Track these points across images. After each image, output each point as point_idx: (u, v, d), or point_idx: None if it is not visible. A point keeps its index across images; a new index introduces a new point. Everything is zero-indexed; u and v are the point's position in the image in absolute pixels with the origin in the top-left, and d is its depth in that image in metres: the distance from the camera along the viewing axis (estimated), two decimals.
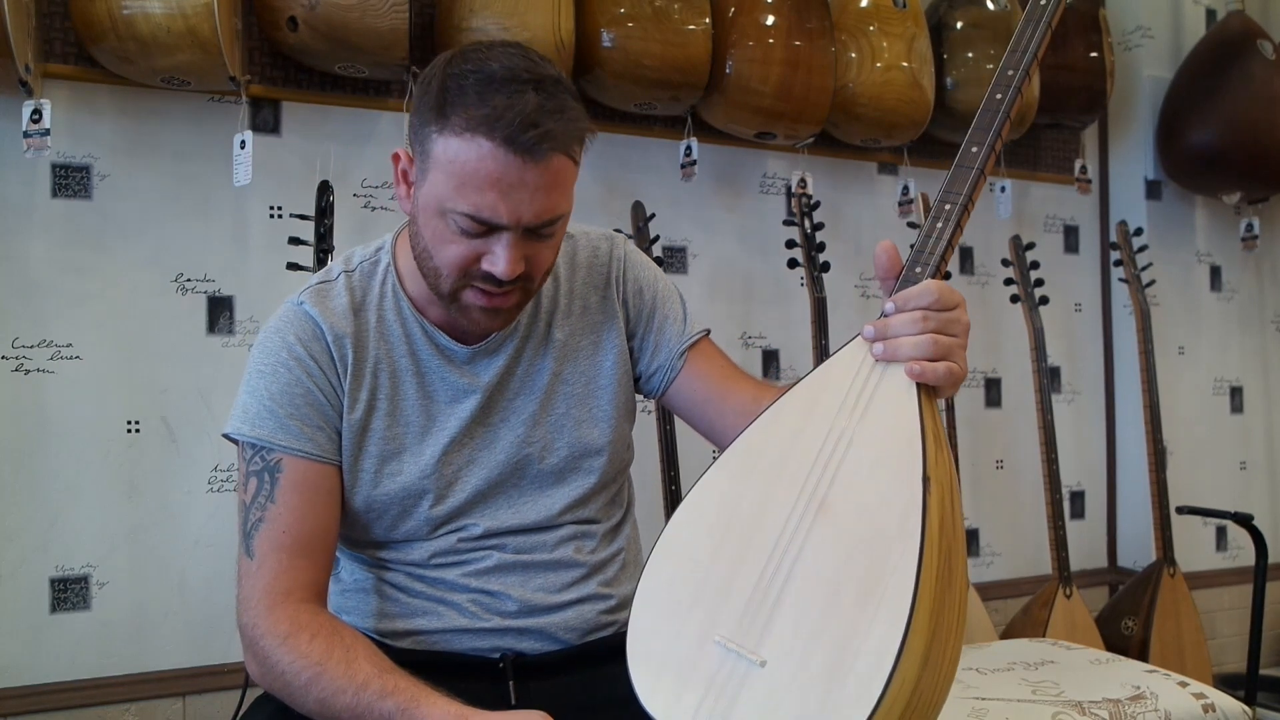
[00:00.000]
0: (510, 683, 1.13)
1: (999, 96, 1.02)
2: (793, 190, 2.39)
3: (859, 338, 0.98)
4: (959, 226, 0.99)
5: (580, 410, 1.20)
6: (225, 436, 1.13)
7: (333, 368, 1.13)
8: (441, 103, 1.01)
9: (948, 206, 0.99)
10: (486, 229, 1.02)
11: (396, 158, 1.11)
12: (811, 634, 0.87)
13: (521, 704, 1.11)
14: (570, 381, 1.20)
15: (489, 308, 1.07)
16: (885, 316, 0.96)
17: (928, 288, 0.95)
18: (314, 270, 1.85)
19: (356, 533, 1.18)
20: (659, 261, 2.16)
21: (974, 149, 1.00)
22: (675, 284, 1.30)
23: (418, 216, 1.07)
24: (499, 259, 1.02)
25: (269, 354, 1.12)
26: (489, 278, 1.04)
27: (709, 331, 1.28)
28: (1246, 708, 1.48)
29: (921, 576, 0.84)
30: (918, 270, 0.98)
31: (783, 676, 0.87)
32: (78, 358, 1.87)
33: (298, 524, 1.08)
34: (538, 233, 1.04)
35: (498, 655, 1.15)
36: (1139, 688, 1.49)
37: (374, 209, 2.11)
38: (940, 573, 0.86)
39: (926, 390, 0.94)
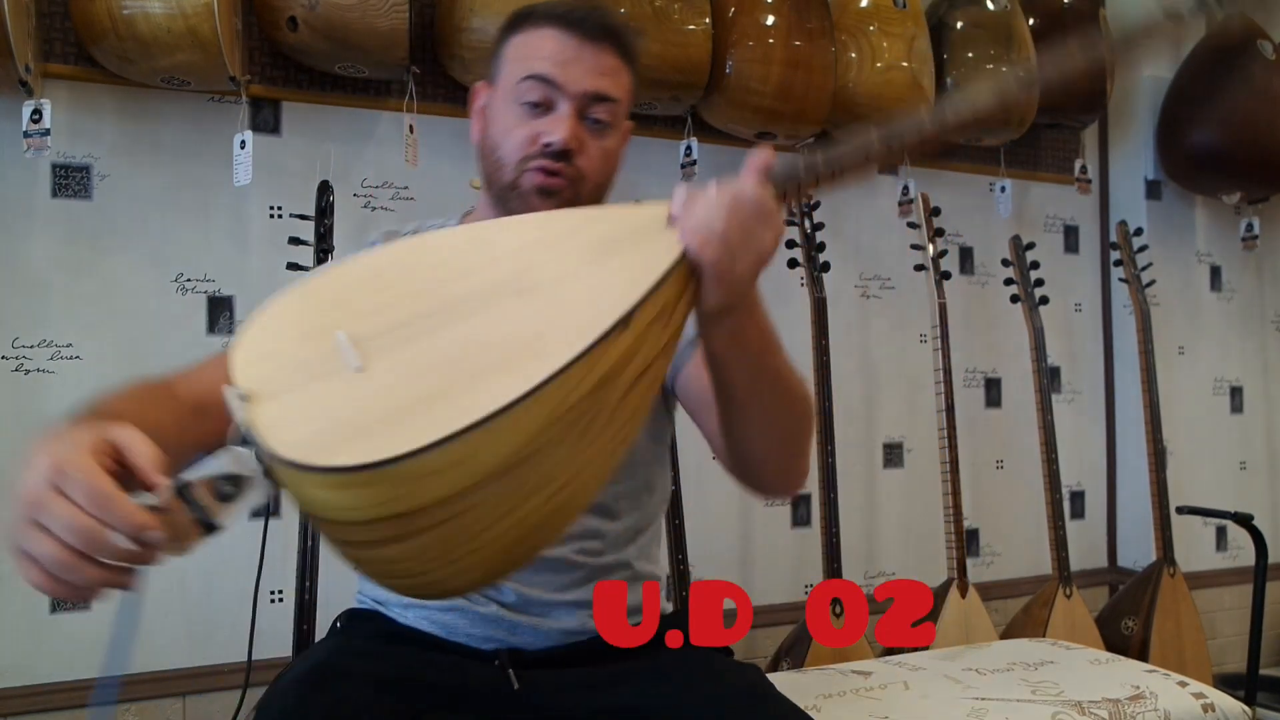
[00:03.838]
0: (510, 670, 1.12)
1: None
2: None
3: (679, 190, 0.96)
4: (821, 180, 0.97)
5: None
6: None
7: None
8: (516, 19, 1.16)
9: (826, 166, 0.97)
10: (546, 101, 1.12)
11: (476, 93, 1.21)
12: (423, 370, 0.81)
13: (524, 690, 1.11)
14: None
15: (543, 186, 1.12)
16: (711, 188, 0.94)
17: (764, 196, 0.93)
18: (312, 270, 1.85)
19: None
20: None
21: (821, 164, 0.97)
22: None
23: (489, 126, 1.17)
24: (556, 125, 1.11)
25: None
26: (545, 153, 1.11)
27: None
28: (1246, 708, 1.48)
29: (552, 386, 0.78)
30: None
31: (365, 388, 0.80)
32: (78, 358, 1.87)
33: None
34: (592, 117, 1.13)
35: (491, 649, 1.14)
36: (1139, 688, 1.49)
37: (374, 209, 2.11)
38: (580, 402, 0.81)
39: (692, 270, 0.90)
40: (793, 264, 2.27)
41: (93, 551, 0.70)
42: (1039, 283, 2.52)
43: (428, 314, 0.86)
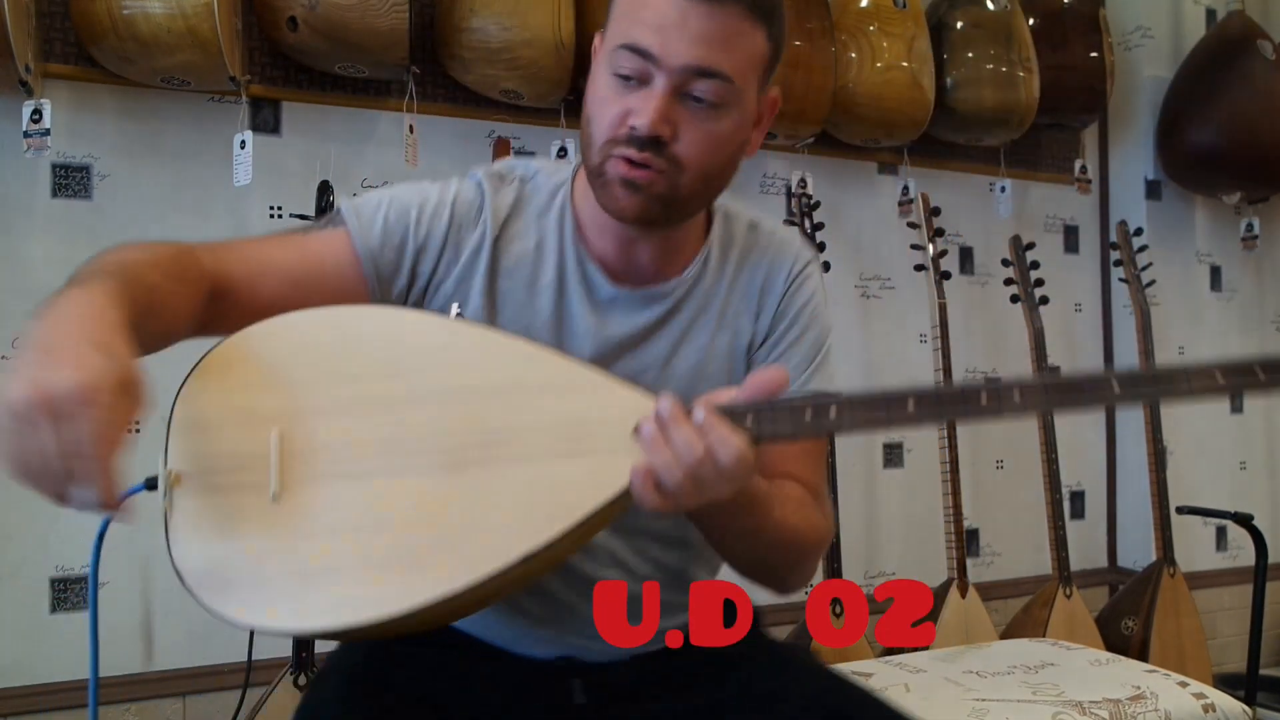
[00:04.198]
0: (575, 680, 1.06)
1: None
2: (793, 190, 2.39)
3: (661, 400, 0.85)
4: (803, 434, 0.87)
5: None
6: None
7: (454, 244, 1.04)
8: None
9: (808, 416, 0.85)
10: (640, 74, 0.94)
11: (597, 47, 1.02)
12: (329, 528, 0.83)
13: (590, 703, 1.05)
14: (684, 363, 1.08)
15: (626, 178, 0.95)
16: (696, 419, 0.83)
17: (741, 454, 0.82)
18: None
19: None
20: None
21: (833, 413, 0.85)
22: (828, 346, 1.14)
23: (589, 89, 1.00)
24: (644, 105, 0.93)
25: (425, 183, 1.07)
26: (632, 138, 0.94)
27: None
28: (1246, 708, 1.48)
29: (435, 603, 0.81)
30: (748, 420, 0.84)
31: (273, 527, 0.83)
32: None
33: (271, 260, 0.99)
34: (691, 94, 0.94)
35: (555, 657, 1.07)
36: (1139, 688, 1.49)
37: None
38: (461, 600, 0.84)
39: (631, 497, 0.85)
40: None
41: (47, 474, 0.72)
42: (1039, 283, 2.52)
43: (363, 444, 0.86)
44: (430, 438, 0.86)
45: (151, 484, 0.88)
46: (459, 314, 0.98)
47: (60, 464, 0.71)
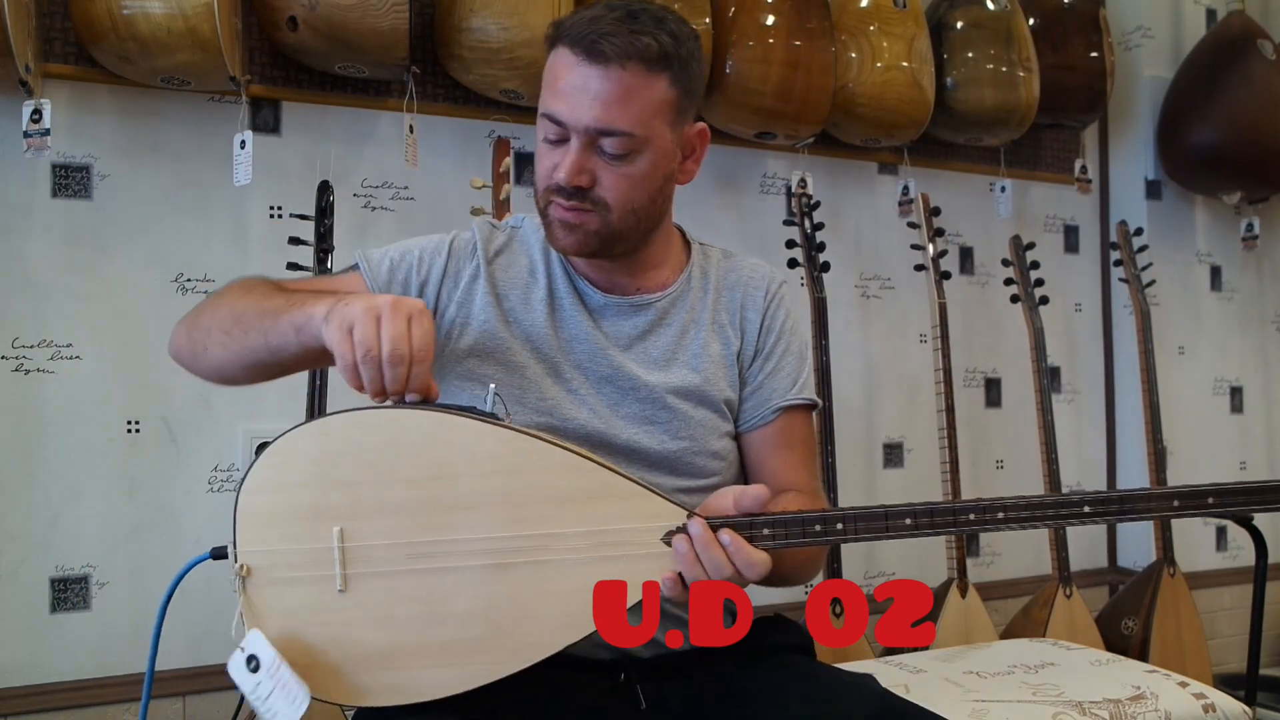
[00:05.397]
0: (635, 684, 1.10)
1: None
2: (793, 190, 2.39)
3: (692, 521, 0.97)
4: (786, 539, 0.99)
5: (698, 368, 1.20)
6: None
7: (454, 274, 1.18)
8: (550, 33, 1.11)
9: (818, 528, 0.98)
10: (560, 136, 1.09)
11: None
12: (388, 618, 0.93)
13: (651, 702, 1.08)
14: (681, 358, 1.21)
15: (562, 220, 1.11)
16: (724, 542, 0.96)
17: (763, 570, 0.96)
18: (314, 270, 1.85)
19: None
20: None
21: (839, 525, 0.98)
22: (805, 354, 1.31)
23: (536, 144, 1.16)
24: (563, 162, 1.08)
25: (430, 236, 1.21)
26: (560, 190, 1.10)
27: (816, 406, 1.27)
28: (1246, 708, 1.48)
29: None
30: (766, 532, 0.97)
31: (340, 616, 0.93)
32: (78, 358, 1.87)
33: None
34: (602, 149, 1.08)
35: (608, 658, 1.11)
36: (1139, 688, 1.49)
37: (374, 209, 2.11)
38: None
39: None
40: (793, 264, 2.26)
41: (377, 366, 0.93)
42: (1039, 283, 2.52)
43: (418, 543, 0.95)
44: (480, 540, 0.95)
45: (218, 554, 0.99)
46: (496, 394, 1.06)
47: (390, 349, 0.91)
